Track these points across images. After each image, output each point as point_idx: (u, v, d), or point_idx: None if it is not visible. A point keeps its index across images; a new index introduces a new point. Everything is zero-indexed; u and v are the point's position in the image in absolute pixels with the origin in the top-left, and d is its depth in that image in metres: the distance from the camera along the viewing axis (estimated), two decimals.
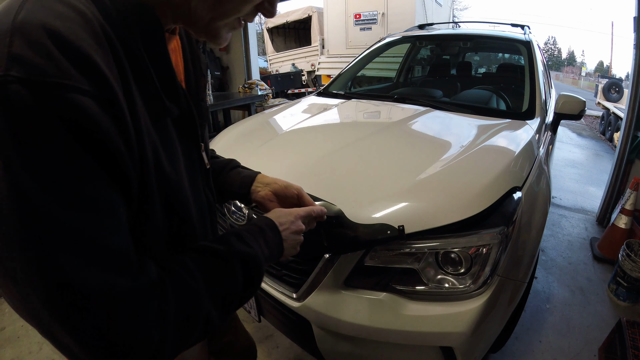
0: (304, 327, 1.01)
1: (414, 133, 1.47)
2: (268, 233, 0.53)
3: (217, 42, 0.45)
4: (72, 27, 0.29)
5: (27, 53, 0.27)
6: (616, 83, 8.05)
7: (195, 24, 0.42)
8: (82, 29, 0.30)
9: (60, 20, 0.29)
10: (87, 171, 0.29)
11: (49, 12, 0.29)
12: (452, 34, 2.83)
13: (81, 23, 0.30)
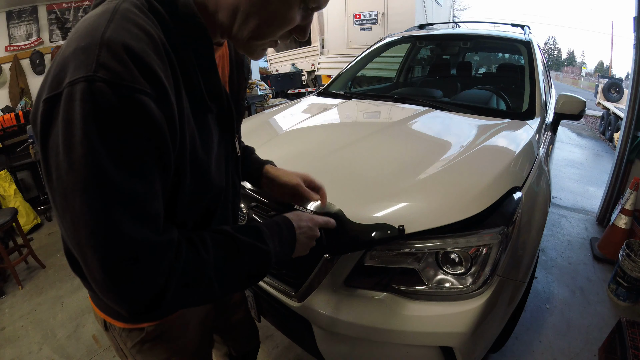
0: (304, 327, 1.01)
1: (414, 133, 1.47)
2: (284, 232, 0.61)
3: (253, 57, 0.55)
4: (142, 46, 0.39)
5: (111, 62, 0.36)
6: (616, 83, 8.05)
7: (236, 42, 0.52)
8: (149, 47, 0.40)
9: (134, 41, 0.38)
10: (142, 151, 0.39)
11: (127, 34, 0.38)
12: (452, 34, 2.83)
13: (149, 43, 0.40)
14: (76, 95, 0.35)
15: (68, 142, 0.36)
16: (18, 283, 2.24)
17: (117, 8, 0.41)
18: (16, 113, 3.22)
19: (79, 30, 0.40)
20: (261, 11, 0.47)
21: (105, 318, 0.66)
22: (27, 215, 2.95)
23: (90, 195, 0.37)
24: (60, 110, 0.36)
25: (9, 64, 3.60)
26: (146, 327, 0.65)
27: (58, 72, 0.38)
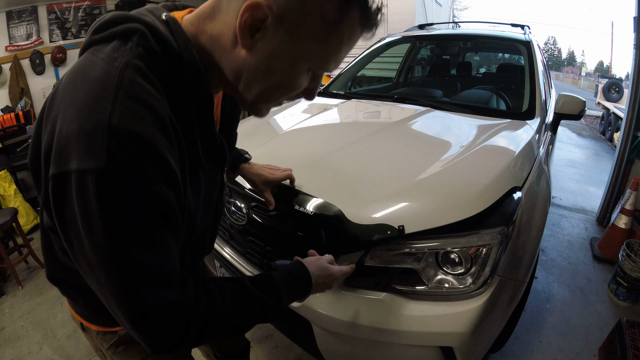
0: (304, 327, 1.01)
1: (414, 133, 1.47)
2: (301, 287, 0.65)
3: (257, 116, 0.55)
4: (152, 132, 0.39)
5: (123, 155, 0.37)
6: (616, 83, 8.06)
7: (240, 100, 0.52)
8: (158, 130, 0.39)
9: (144, 126, 0.38)
10: (157, 228, 0.42)
11: (135, 118, 0.38)
12: (452, 34, 2.83)
13: (157, 125, 0.40)
14: (89, 186, 0.36)
15: (88, 227, 0.38)
16: (18, 283, 2.24)
17: (121, 80, 0.39)
18: (16, 113, 3.22)
19: (78, 98, 0.39)
20: (265, 79, 0.46)
21: (81, 320, 0.67)
22: (27, 215, 2.95)
23: (113, 272, 0.40)
24: (74, 193, 0.38)
25: (9, 64, 3.60)
26: (118, 331, 0.67)
27: (61, 146, 0.38)
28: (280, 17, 0.41)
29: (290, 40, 0.43)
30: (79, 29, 4.10)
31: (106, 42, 0.44)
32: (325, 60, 0.47)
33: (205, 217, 0.57)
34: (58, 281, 0.61)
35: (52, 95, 0.44)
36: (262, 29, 0.42)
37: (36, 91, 3.81)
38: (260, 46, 0.43)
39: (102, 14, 4.20)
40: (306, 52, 0.45)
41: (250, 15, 0.41)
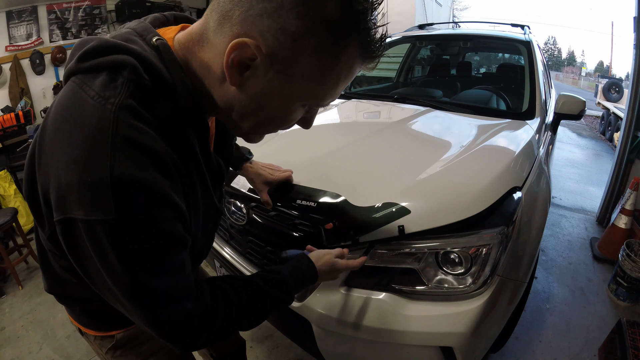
0: (304, 327, 1.01)
1: (414, 133, 1.47)
2: (307, 281, 0.68)
3: (251, 143, 0.54)
4: (153, 175, 0.38)
5: (129, 204, 0.37)
6: (616, 83, 8.06)
7: (233, 130, 0.51)
8: (159, 173, 0.39)
9: (146, 173, 0.38)
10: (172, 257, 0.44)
11: (136, 166, 0.37)
12: (452, 34, 2.83)
13: (158, 167, 0.39)
14: (100, 234, 0.37)
15: (105, 266, 0.40)
16: (18, 283, 2.24)
17: (116, 125, 0.37)
18: (16, 113, 3.22)
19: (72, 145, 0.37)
20: (258, 114, 0.45)
21: (78, 326, 0.68)
22: (27, 215, 2.94)
23: (136, 301, 0.43)
24: (85, 238, 0.38)
25: (9, 64, 3.59)
26: (115, 335, 0.67)
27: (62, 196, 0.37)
28: (270, 57, 0.38)
29: (282, 81, 0.40)
30: (79, 29, 4.09)
31: (94, 73, 0.40)
32: (321, 99, 0.45)
33: (205, 230, 0.59)
34: (55, 292, 0.62)
35: (42, 130, 0.41)
36: (251, 67, 0.39)
37: (36, 91, 3.81)
38: (251, 84, 0.41)
39: (102, 14, 4.21)
40: (300, 91, 0.42)
41: (238, 54, 0.38)
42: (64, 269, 0.55)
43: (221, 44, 0.39)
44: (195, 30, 0.43)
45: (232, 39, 0.37)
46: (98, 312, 0.64)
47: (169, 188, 0.41)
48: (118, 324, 0.66)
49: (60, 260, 0.53)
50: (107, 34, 2.57)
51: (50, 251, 0.53)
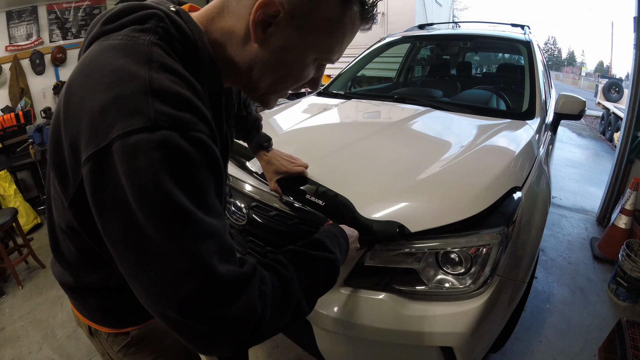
0: (304, 327, 1.01)
1: (414, 133, 1.47)
2: (342, 241, 0.67)
3: (266, 108, 0.58)
4: (189, 93, 0.39)
5: (169, 110, 0.36)
6: (616, 83, 8.06)
7: (250, 92, 0.54)
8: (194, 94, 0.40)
9: (182, 88, 0.39)
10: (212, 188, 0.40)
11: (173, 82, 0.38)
12: (452, 34, 2.82)
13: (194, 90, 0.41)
14: (139, 146, 0.34)
15: (140, 194, 0.35)
16: (18, 283, 2.24)
17: (150, 53, 0.39)
18: (16, 113, 3.22)
19: (104, 75, 0.37)
20: (277, 70, 0.49)
21: (89, 324, 0.66)
22: (27, 215, 2.95)
23: (179, 239, 0.36)
24: (117, 163, 0.35)
25: (9, 64, 3.59)
26: (131, 331, 0.66)
27: (97, 122, 0.36)
28: (290, 13, 0.44)
29: (299, 34, 0.46)
30: (79, 29, 4.09)
31: (118, 30, 0.43)
32: (330, 51, 0.50)
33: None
34: (69, 285, 0.60)
35: (68, 87, 0.41)
36: (273, 24, 0.45)
37: (36, 91, 3.81)
38: (272, 40, 0.46)
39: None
40: (314, 44, 0.48)
41: (263, 12, 0.43)
42: (81, 253, 0.53)
43: (245, 8, 0.45)
44: (214, 5, 0.48)
45: (256, 1, 0.43)
46: (114, 306, 0.61)
47: (206, 110, 0.41)
48: (133, 319, 0.65)
49: (78, 240, 0.50)
50: None
51: (68, 232, 0.50)
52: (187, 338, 0.39)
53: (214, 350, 0.40)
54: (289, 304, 0.47)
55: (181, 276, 0.36)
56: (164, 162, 0.35)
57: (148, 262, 0.36)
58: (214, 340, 0.39)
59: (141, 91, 0.36)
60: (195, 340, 0.39)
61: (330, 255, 0.59)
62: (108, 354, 0.70)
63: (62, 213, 0.49)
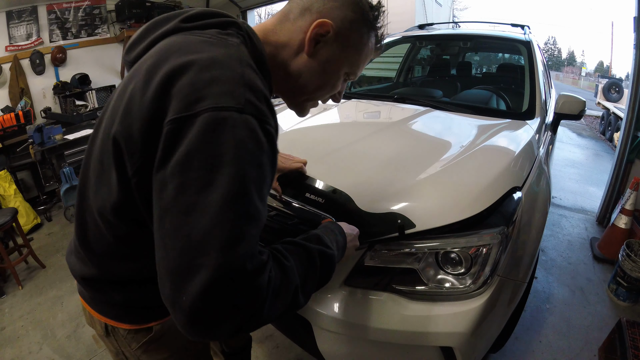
0: (304, 327, 1.01)
1: (414, 133, 1.47)
2: (339, 238, 0.69)
3: (301, 114, 0.70)
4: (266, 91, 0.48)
5: (256, 102, 0.44)
6: (616, 83, 8.06)
7: (289, 99, 0.66)
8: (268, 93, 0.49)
9: (264, 88, 0.48)
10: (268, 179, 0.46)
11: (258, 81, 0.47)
12: (452, 34, 2.82)
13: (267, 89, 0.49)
14: (228, 120, 0.41)
15: (215, 159, 0.40)
16: (18, 283, 2.24)
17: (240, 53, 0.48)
18: (16, 113, 3.22)
19: (200, 59, 0.44)
20: (320, 77, 0.61)
21: (107, 322, 0.66)
22: (27, 215, 2.95)
23: (233, 209, 0.40)
24: (201, 130, 0.40)
25: (9, 64, 3.59)
26: (154, 326, 0.67)
27: (186, 94, 0.42)
28: (336, 34, 0.58)
29: (340, 50, 0.60)
30: (79, 29, 4.10)
31: (200, 29, 0.52)
32: (357, 67, 0.65)
33: None
34: (92, 278, 0.60)
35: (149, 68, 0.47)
36: (322, 41, 0.58)
37: (36, 91, 3.81)
38: (320, 53, 0.59)
39: (102, 14, 4.21)
40: (348, 59, 0.62)
41: (317, 31, 0.57)
42: (118, 241, 0.54)
43: (302, 26, 0.58)
44: (269, 23, 0.60)
45: (313, 22, 0.57)
46: (141, 299, 0.62)
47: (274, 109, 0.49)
48: (157, 313, 0.66)
49: (120, 226, 0.52)
50: (108, 34, 2.59)
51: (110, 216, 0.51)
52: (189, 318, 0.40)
53: (209, 334, 0.41)
54: (287, 293, 0.49)
55: (220, 245, 0.39)
56: (244, 139, 0.41)
57: (195, 224, 0.39)
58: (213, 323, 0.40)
59: (236, 80, 0.44)
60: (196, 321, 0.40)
61: (327, 250, 0.61)
62: (123, 352, 0.70)
63: (108, 195, 0.51)
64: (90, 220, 0.56)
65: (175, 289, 0.40)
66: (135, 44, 0.58)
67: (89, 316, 0.69)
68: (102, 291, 0.63)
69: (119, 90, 0.52)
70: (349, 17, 0.59)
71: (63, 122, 3.47)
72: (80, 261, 0.61)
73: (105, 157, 0.50)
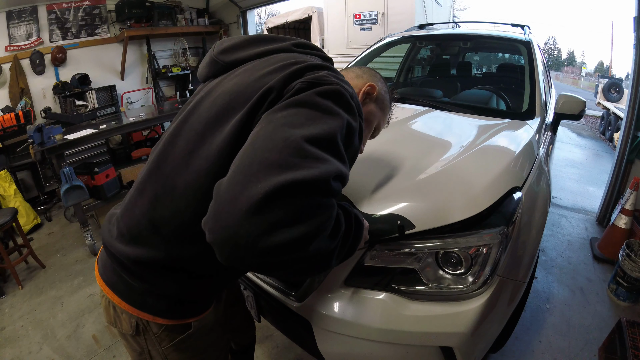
0: (304, 327, 1.01)
1: (414, 133, 1.47)
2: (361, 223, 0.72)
3: None
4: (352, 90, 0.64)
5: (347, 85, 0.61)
6: (616, 83, 8.05)
7: None
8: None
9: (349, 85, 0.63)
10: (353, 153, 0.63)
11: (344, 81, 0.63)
12: (452, 34, 2.82)
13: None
14: (343, 91, 0.57)
15: (328, 107, 0.54)
16: (18, 283, 2.24)
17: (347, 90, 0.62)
18: (16, 113, 3.22)
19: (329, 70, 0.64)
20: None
21: (142, 316, 0.66)
22: (27, 215, 2.95)
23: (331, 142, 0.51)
24: (327, 90, 0.56)
25: (9, 64, 3.59)
26: (193, 322, 0.69)
27: (320, 77, 0.58)
28: (377, 96, 0.83)
29: (377, 107, 0.84)
30: (79, 29, 4.09)
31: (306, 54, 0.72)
32: (382, 124, 0.89)
33: None
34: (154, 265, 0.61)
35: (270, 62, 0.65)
36: (368, 97, 0.81)
37: (36, 91, 3.81)
38: (366, 106, 0.81)
39: (102, 14, 4.21)
40: (379, 115, 0.85)
41: (369, 90, 0.80)
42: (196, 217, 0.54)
43: (356, 85, 0.81)
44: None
45: (365, 83, 0.81)
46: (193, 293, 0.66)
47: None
48: (200, 307, 0.69)
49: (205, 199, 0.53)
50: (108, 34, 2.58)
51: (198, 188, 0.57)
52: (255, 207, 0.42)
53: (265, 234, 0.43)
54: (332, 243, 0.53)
55: (317, 158, 0.48)
56: (350, 103, 0.58)
57: (296, 134, 0.48)
58: (277, 222, 0.43)
59: (344, 81, 0.62)
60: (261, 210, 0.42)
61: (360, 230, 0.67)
62: (150, 352, 0.70)
63: (206, 161, 0.57)
64: (164, 197, 0.59)
65: (248, 180, 0.44)
66: (232, 50, 0.72)
67: (117, 314, 0.69)
68: (155, 282, 0.63)
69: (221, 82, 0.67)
70: (384, 90, 0.86)
71: (63, 122, 3.47)
72: (137, 244, 0.61)
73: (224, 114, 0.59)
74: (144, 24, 4.24)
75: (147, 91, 4.80)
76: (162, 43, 4.80)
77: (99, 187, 2.66)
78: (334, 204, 0.51)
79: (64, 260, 2.51)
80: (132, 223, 0.62)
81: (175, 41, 4.86)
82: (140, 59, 4.71)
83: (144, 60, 4.73)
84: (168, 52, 4.91)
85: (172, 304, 0.66)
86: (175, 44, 4.88)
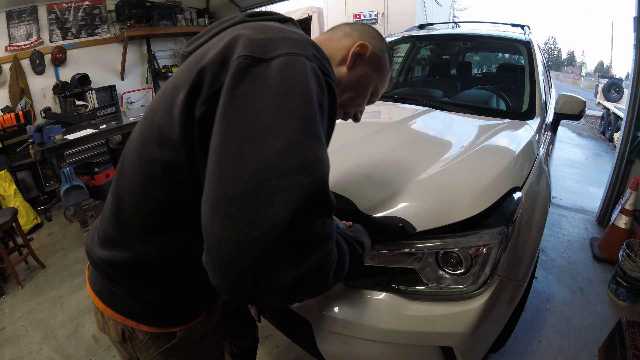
0: (304, 327, 1.01)
1: (414, 133, 1.47)
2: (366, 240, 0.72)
3: None
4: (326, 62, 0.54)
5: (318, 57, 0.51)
6: (616, 83, 8.05)
7: None
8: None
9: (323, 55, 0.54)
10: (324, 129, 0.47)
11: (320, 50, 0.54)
12: (452, 34, 2.82)
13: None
14: (300, 62, 0.46)
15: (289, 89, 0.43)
16: (18, 283, 2.24)
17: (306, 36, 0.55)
18: (16, 113, 3.22)
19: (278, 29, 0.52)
20: (353, 90, 0.70)
21: (127, 323, 0.64)
22: (27, 215, 2.95)
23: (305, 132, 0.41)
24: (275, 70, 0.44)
25: (9, 64, 3.59)
26: (177, 332, 0.67)
27: (263, 45, 0.47)
28: (371, 56, 0.70)
29: (371, 70, 0.71)
30: (79, 29, 4.09)
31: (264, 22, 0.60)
32: (380, 88, 0.76)
33: None
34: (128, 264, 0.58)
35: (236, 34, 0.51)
36: (358, 59, 0.69)
37: (36, 91, 3.81)
38: (357, 69, 0.69)
39: (102, 14, 4.21)
40: (375, 79, 0.73)
41: (359, 50, 0.67)
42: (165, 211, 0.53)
43: (345, 45, 0.69)
44: (318, 40, 0.71)
45: (354, 43, 0.68)
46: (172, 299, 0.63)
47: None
48: (185, 317, 0.66)
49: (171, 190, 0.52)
50: (108, 34, 2.59)
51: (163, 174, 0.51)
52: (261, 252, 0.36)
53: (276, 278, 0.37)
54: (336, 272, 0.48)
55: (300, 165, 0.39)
56: (312, 78, 0.46)
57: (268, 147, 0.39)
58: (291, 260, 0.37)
59: (304, 41, 0.51)
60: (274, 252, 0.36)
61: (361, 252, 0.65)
62: (139, 358, 0.69)
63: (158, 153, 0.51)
64: (125, 193, 0.56)
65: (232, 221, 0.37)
66: (196, 39, 0.63)
67: (104, 320, 0.68)
68: (133, 286, 0.61)
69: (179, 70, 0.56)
70: (381, 47, 0.72)
71: (63, 122, 3.47)
72: (110, 247, 0.60)
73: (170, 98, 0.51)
74: (144, 24, 4.24)
75: (147, 91, 4.80)
76: (162, 43, 4.80)
77: (99, 187, 2.66)
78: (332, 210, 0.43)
79: (64, 260, 2.51)
80: (106, 225, 0.61)
81: (175, 41, 4.86)
82: (140, 59, 4.71)
83: (144, 60, 4.73)
84: (168, 52, 4.91)
85: (156, 311, 0.64)
86: (175, 44, 4.88)
